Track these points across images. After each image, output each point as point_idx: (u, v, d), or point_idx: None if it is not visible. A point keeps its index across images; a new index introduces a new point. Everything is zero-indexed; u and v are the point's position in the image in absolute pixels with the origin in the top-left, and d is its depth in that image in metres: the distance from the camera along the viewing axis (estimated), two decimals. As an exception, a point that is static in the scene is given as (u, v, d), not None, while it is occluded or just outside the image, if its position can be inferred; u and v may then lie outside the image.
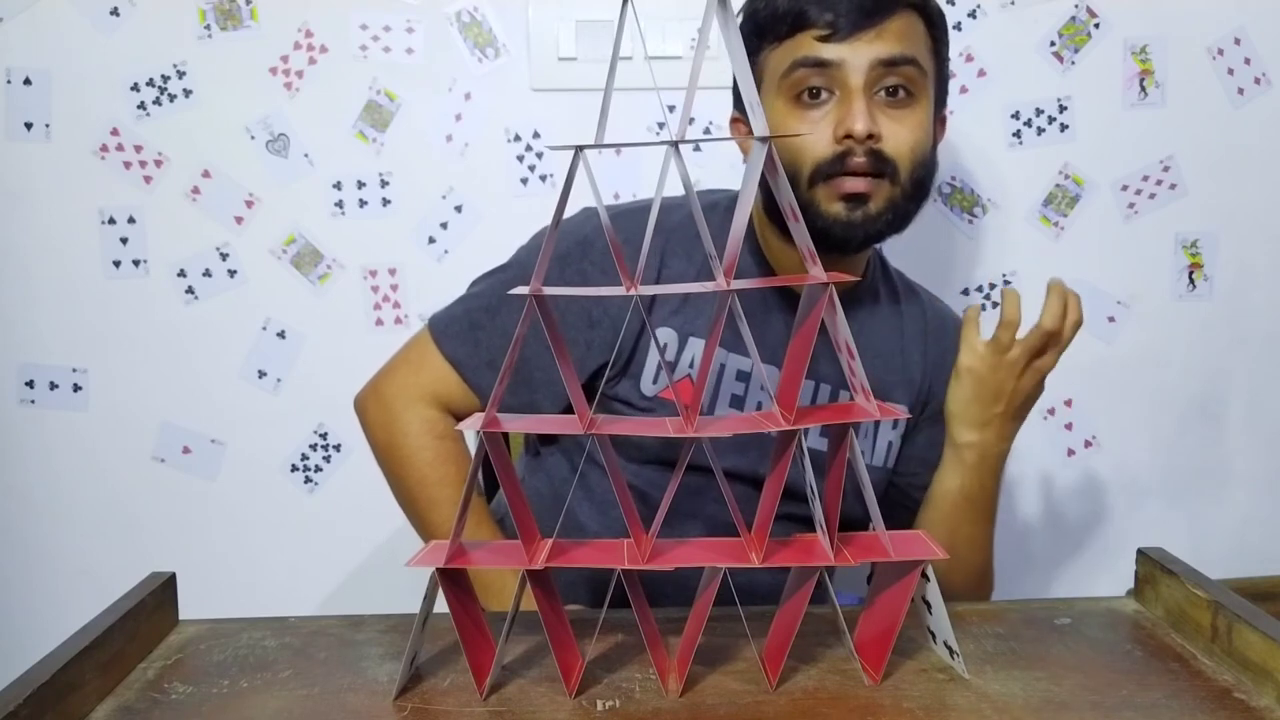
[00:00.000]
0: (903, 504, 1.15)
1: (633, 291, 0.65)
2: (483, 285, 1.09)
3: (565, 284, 1.01)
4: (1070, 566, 1.66)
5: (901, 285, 1.17)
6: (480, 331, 1.05)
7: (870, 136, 0.95)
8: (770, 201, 1.01)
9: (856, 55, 0.95)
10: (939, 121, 1.06)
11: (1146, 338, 1.60)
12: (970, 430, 1.03)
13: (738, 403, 1.06)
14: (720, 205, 1.07)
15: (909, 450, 1.14)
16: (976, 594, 1.11)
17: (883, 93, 0.97)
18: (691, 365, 1.03)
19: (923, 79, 0.99)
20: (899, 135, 0.97)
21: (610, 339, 1.03)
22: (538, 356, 1.02)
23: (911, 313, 1.15)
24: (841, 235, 0.98)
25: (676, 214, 1.05)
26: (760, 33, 1.00)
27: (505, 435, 0.72)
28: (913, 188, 0.99)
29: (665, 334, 1.04)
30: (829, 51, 0.96)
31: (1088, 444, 1.63)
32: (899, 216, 1.00)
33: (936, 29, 1.01)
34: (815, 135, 0.96)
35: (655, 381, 1.04)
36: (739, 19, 1.02)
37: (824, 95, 0.97)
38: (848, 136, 0.95)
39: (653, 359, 1.04)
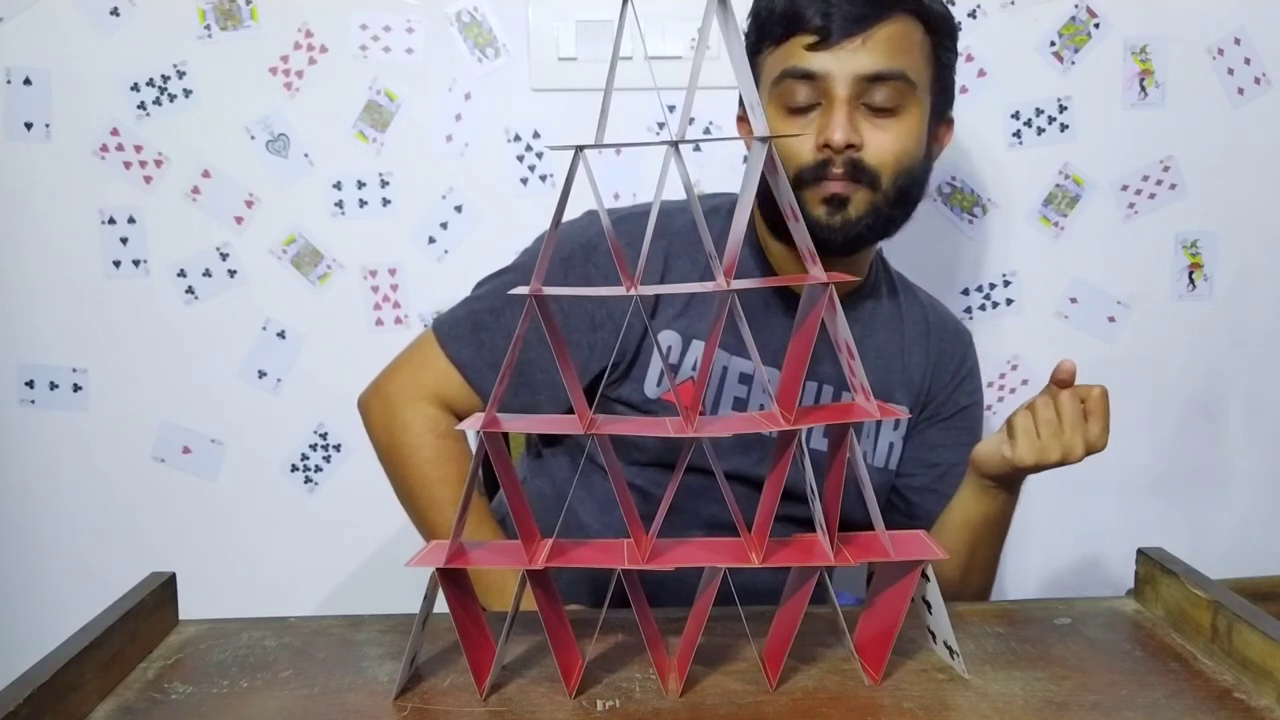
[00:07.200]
0: (896, 505, 1.15)
1: (633, 291, 0.65)
2: (487, 287, 1.09)
3: (568, 286, 1.01)
4: (1070, 566, 1.66)
5: (902, 287, 1.17)
6: (484, 334, 1.05)
7: (851, 146, 0.96)
8: (773, 203, 1.01)
9: (842, 67, 0.95)
10: (945, 124, 1.06)
11: (1146, 338, 1.60)
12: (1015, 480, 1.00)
13: (740, 405, 1.06)
14: (722, 209, 1.07)
15: (907, 451, 1.14)
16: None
17: (866, 105, 0.97)
18: (694, 369, 1.03)
19: (910, 91, 0.98)
20: (883, 144, 0.97)
21: (613, 342, 1.03)
22: (540, 359, 1.02)
23: (912, 315, 1.15)
24: (823, 237, 0.98)
25: (680, 218, 1.05)
26: (761, 33, 1.01)
27: (505, 435, 0.72)
28: (896, 195, 0.99)
29: (669, 337, 1.04)
30: (815, 63, 0.96)
31: (1088, 444, 1.62)
32: (881, 222, 1.00)
33: (937, 33, 1.00)
34: (800, 141, 0.97)
35: (659, 384, 1.04)
36: (747, 20, 1.03)
37: (810, 107, 0.98)
38: (826, 145, 0.96)
39: (655, 362, 1.04)
